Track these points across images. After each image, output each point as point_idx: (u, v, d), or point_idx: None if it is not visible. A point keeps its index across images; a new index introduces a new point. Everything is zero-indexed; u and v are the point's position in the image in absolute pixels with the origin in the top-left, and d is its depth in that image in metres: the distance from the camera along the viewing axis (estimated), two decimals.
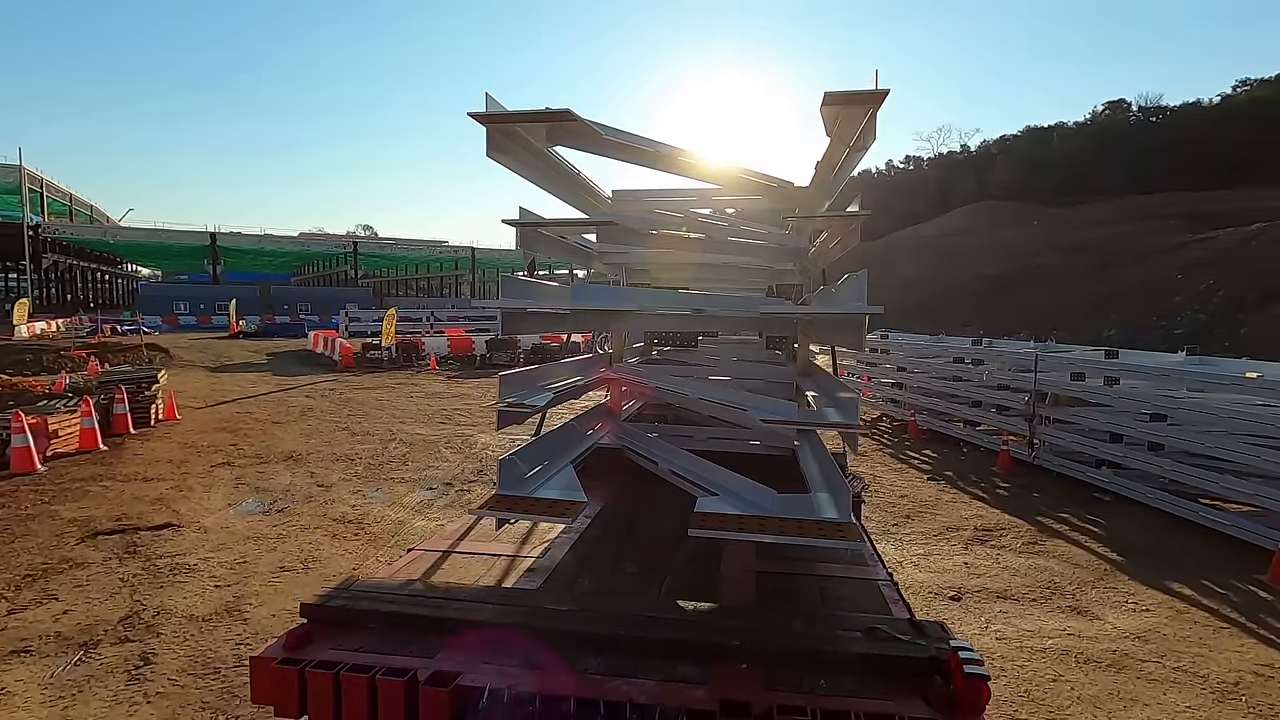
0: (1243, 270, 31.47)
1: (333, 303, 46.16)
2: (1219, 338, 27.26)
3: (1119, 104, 70.57)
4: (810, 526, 2.23)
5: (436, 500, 7.63)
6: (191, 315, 47.08)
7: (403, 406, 14.07)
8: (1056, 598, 5.18)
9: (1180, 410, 6.77)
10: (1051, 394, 8.36)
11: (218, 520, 6.76)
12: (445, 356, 23.43)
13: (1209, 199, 48.41)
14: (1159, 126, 65.90)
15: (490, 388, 17.25)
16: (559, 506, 2.40)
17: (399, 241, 75.91)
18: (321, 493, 7.81)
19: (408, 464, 9.26)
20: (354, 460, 9.39)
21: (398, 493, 7.88)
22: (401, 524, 6.76)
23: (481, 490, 8.03)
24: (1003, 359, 9.71)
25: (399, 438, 10.90)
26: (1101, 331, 30.77)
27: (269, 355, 25.22)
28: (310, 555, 5.88)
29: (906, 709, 1.59)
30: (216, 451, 9.69)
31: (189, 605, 4.86)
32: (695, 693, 1.64)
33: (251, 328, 36.70)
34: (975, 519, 6.98)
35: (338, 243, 71.99)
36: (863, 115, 2.39)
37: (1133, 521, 6.83)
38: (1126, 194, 54.12)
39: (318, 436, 10.95)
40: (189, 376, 18.10)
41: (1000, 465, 8.94)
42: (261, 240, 64.53)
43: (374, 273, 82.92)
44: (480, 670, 1.72)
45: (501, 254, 76.79)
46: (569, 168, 3.19)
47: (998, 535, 6.52)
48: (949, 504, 7.55)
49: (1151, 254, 38.44)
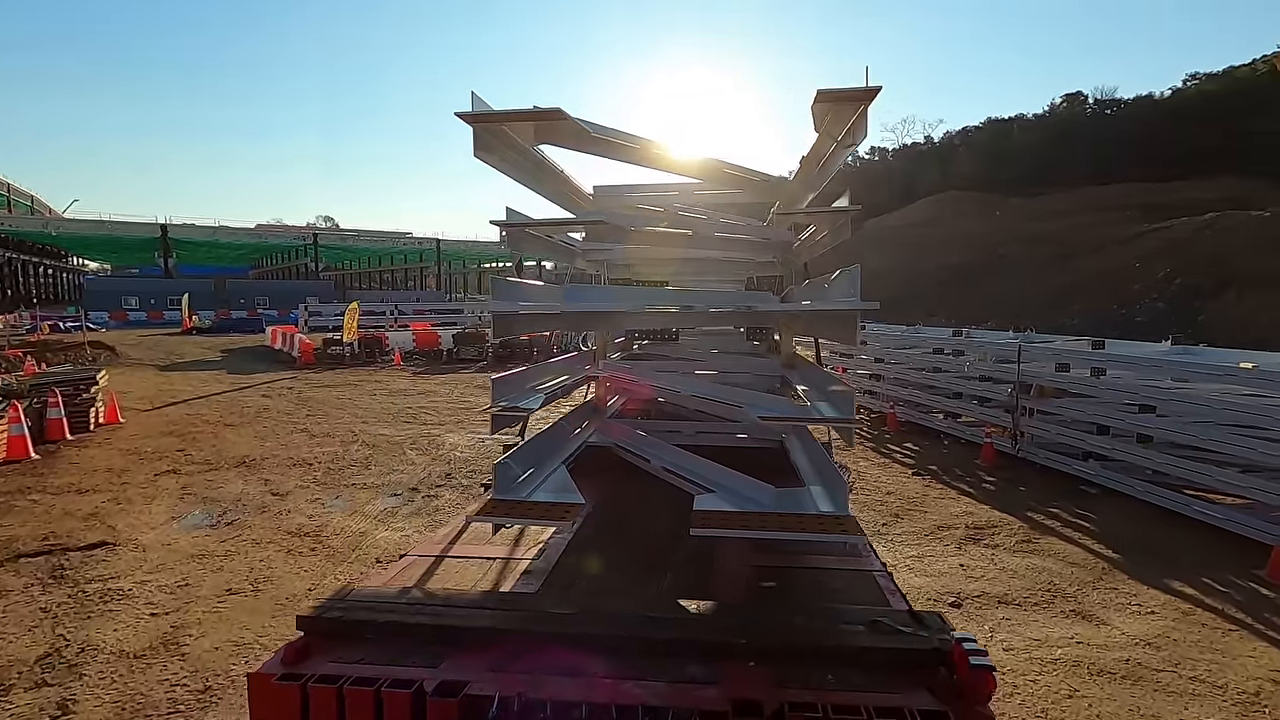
0: (1198, 259, 32.31)
1: (292, 296, 44.73)
2: (1177, 325, 27.93)
3: (1076, 96, 71.97)
4: (810, 521, 2.20)
5: (401, 508, 7.14)
6: (142, 311, 45.18)
7: (365, 405, 13.45)
8: (1059, 601, 4.96)
9: (1171, 401, 6.63)
10: (1036, 385, 8.22)
11: (159, 536, 6.19)
12: (410, 351, 22.70)
13: (1163, 189, 49.67)
14: (1114, 119, 67.34)
15: (458, 383, 16.69)
16: (558, 510, 2.35)
17: (361, 233, 73.86)
18: (276, 502, 7.27)
19: (370, 468, 8.73)
20: (312, 465, 8.83)
21: (359, 500, 7.37)
22: (363, 535, 6.28)
23: (450, 495, 7.58)
24: (984, 350, 9.56)
25: (361, 439, 10.34)
26: (1064, 320, 31.33)
27: (223, 352, 24.19)
28: (261, 575, 5.37)
29: (914, 701, 1.59)
30: (161, 458, 9.03)
31: (119, 639, 4.34)
32: (706, 693, 1.62)
33: (206, 323, 35.27)
34: (966, 516, 6.77)
35: (297, 234, 69.75)
36: (853, 112, 2.37)
37: (1123, 515, 6.69)
38: (1084, 185, 55.25)
39: (274, 439, 10.33)
40: (136, 376, 17.15)
41: (984, 458, 8.78)
42: (216, 232, 62.21)
43: (336, 266, 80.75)
44: (488, 678, 1.69)
45: (468, 245, 75.43)
46: (553, 166, 3.14)
47: (990, 533, 6.31)
48: (937, 500, 7.33)
49: (1110, 244, 39.30)
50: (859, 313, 2.49)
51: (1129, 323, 28.35)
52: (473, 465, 8.84)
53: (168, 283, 50.89)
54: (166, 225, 56.28)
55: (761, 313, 3.63)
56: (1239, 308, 27.02)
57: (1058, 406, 8.03)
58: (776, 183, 3.55)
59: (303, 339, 21.40)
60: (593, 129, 2.54)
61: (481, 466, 8.76)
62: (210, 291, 49.59)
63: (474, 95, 2.39)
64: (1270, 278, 27.57)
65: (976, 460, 8.88)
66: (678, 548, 2.66)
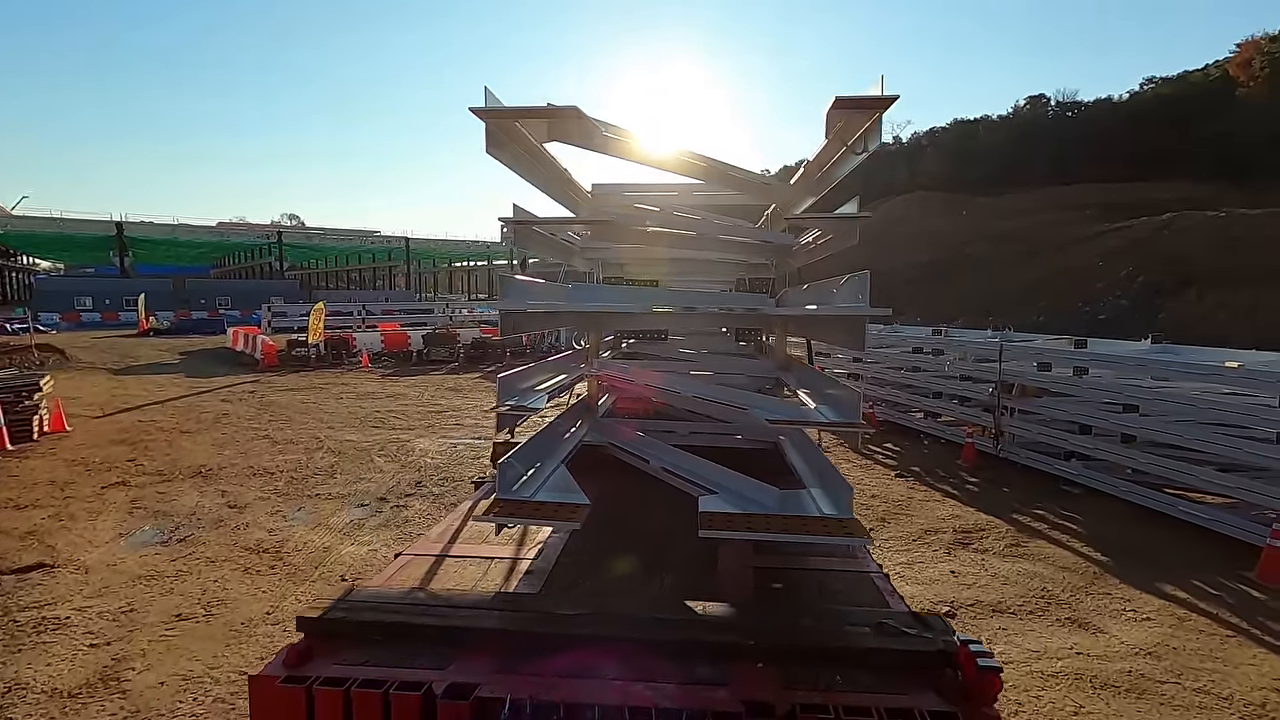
0: (1157, 258, 33.11)
1: (255, 296, 43.42)
2: (1139, 323, 28.56)
3: (1039, 99, 73.51)
4: (815, 524, 2.20)
5: (369, 520, 6.78)
6: (96, 311, 43.46)
7: (331, 409, 12.96)
8: (1053, 608, 4.83)
9: (1156, 401, 6.58)
10: (1018, 385, 8.15)
11: (103, 556, 5.75)
12: (379, 353, 22.11)
13: (1121, 190, 50.98)
14: (1075, 120, 68.98)
15: (428, 385, 16.24)
16: (564, 510, 2.33)
17: (327, 231, 72.41)
18: (234, 515, 6.85)
19: (336, 476, 8.33)
20: (274, 474, 8.39)
21: (323, 512, 6.99)
22: (327, 551, 5.92)
23: (421, 505, 7.24)
24: (964, 349, 9.50)
25: (326, 446, 9.90)
26: (1032, 317, 31.86)
27: (182, 354, 23.30)
28: (215, 597, 4.99)
29: (922, 702, 1.59)
30: (110, 469, 8.51)
31: (53, 675, 3.94)
32: (718, 694, 1.62)
33: (164, 324, 34.02)
34: (952, 519, 6.65)
35: (260, 233, 68.05)
36: (867, 119, 2.36)
37: (1108, 516, 6.63)
38: (1047, 184, 56.43)
39: (233, 447, 9.84)
40: (87, 380, 16.36)
41: (965, 459, 8.71)
42: (175, 230, 60.36)
43: (301, 265, 78.89)
44: (497, 680, 1.66)
45: (437, 244, 74.31)
46: (558, 164, 3.13)
47: (978, 537, 6.19)
48: (922, 503, 7.21)
49: (1073, 242, 40.11)
50: (867, 318, 2.47)
51: (1094, 320, 28.93)
52: (444, 472, 8.49)
53: (124, 282, 49.08)
54: (122, 223, 54.43)
55: (766, 315, 3.58)
56: (1199, 306, 27.72)
57: (1039, 406, 7.98)
58: (777, 186, 3.59)
59: (266, 340, 20.67)
60: (605, 128, 2.54)
61: (454, 473, 8.43)
62: (169, 291, 47.95)
63: (487, 91, 2.34)
64: (1228, 277, 28.35)
65: (958, 460, 8.80)
66: (675, 547, 2.67)
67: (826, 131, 2.50)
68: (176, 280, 50.75)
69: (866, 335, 2.66)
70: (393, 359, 21.78)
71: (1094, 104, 70.25)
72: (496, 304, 3.02)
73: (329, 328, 25.12)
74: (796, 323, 3.58)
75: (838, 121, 2.42)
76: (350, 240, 72.56)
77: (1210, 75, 62.39)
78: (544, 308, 3.24)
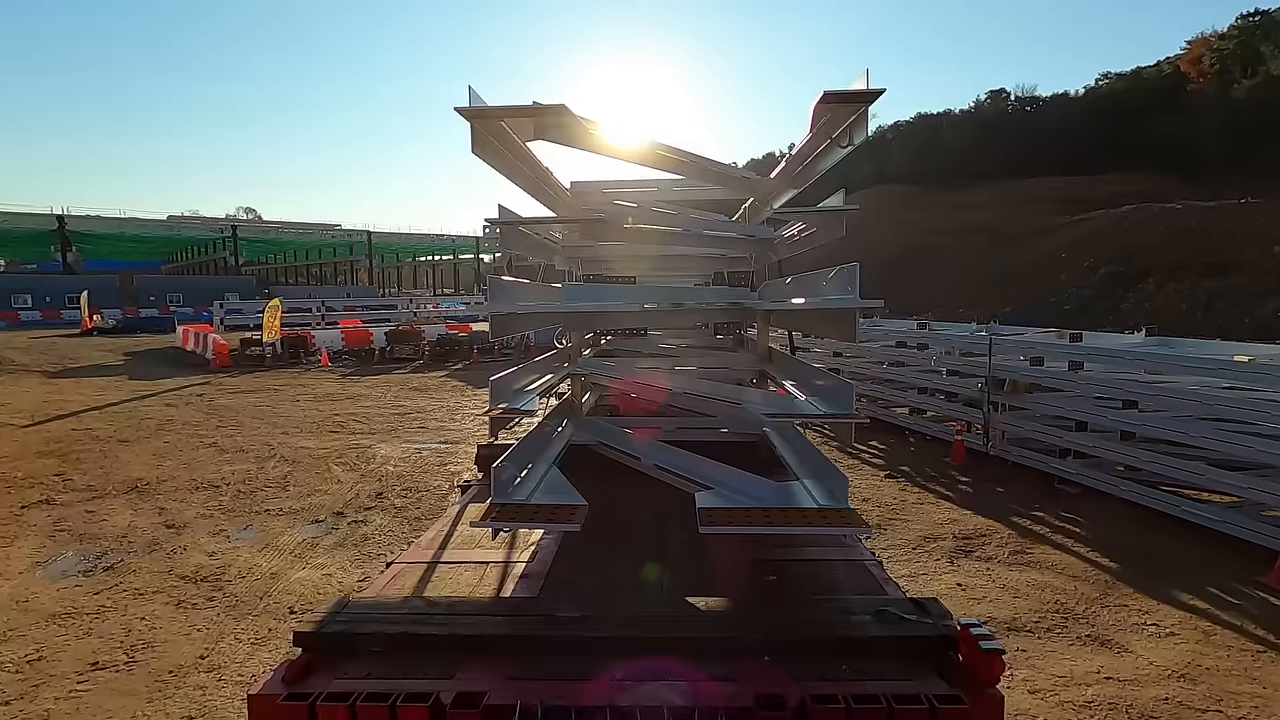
0: (1117, 249, 33.74)
1: (209, 293, 41.65)
2: (1103, 313, 29.02)
3: (999, 93, 74.77)
4: (814, 515, 2.20)
5: (323, 538, 6.18)
6: (36, 310, 41.34)
7: (286, 413, 12.20)
8: (1072, 624, 4.50)
9: (1158, 396, 6.33)
10: (1010, 380, 7.87)
11: (13, 591, 5.07)
12: (339, 351, 21.19)
13: (1079, 183, 52.07)
14: (1035, 115, 70.27)
15: (391, 385, 15.52)
16: (563, 512, 2.30)
17: (285, 225, 70.17)
18: (171, 537, 6.18)
19: (288, 489, 7.67)
20: (219, 488, 7.70)
21: (273, 531, 6.36)
22: (275, 578, 5.31)
23: (382, 520, 6.65)
24: (951, 343, 9.22)
25: (279, 454, 9.20)
26: (1000, 309, 32.20)
27: (127, 355, 22.04)
28: (140, 639, 4.37)
29: (928, 687, 1.62)
30: (34, 485, 7.72)
31: None
32: (729, 690, 1.62)
33: (109, 323, 32.33)
34: (950, 524, 6.31)
35: (214, 227, 65.50)
36: (852, 113, 2.37)
37: (1109, 517, 6.36)
38: (1008, 178, 57.38)
39: (176, 457, 9.08)
40: (18, 385, 15.25)
41: (955, 457, 8.42)
42: (122, 224, 57.79)
43: (259, 260, 76.39)
44: (506, 687, 1.64)
45: (401, 238, 72.54)
46: (540, 163, 3.07)
47: (980, 544, 5.86)
48: (916, 506, 6.87)
49: (1036, 234, 40.74)
50: (858, 310, 2.45)
51: (1059, 310, 29.30)
52: (408, 482, 7.90)
53: (66, 279, 46.69)
54: (64, 216, 51.83)
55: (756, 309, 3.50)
56: (1158, 297, 28.27)
57: (1030, 401, 7.71)
58: (756, 180, 3.57)
59: (217, 339, 19.62)
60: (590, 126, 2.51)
61: (419, 483, 7.84)
62: (116, 288, 45.78)
63: (471, 90, 2.30)
64: (1184, 268, 28.98)
65: (947, 459, 8.51)
66: (667, 543, 2.66)
67: (811, 125, 2.47)
68: (124, 276, 48.45)
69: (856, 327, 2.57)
70: (354, 357, 20.90)
71: (1052, 99, 71.64)
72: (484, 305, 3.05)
73: (287, 325, 24.10)
74: (786, 316, 3.53)
75: (824, 115, 2.38)
76: (309, 234, 70.39)
77: (1163, 71, 64.06)
78: (535, 309, 3.18)
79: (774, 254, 3.88)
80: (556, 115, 2.37)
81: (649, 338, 4.76)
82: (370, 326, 23.98)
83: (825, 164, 2.80)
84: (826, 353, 12.11)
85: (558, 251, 4.20)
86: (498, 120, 2.42)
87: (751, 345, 4.30)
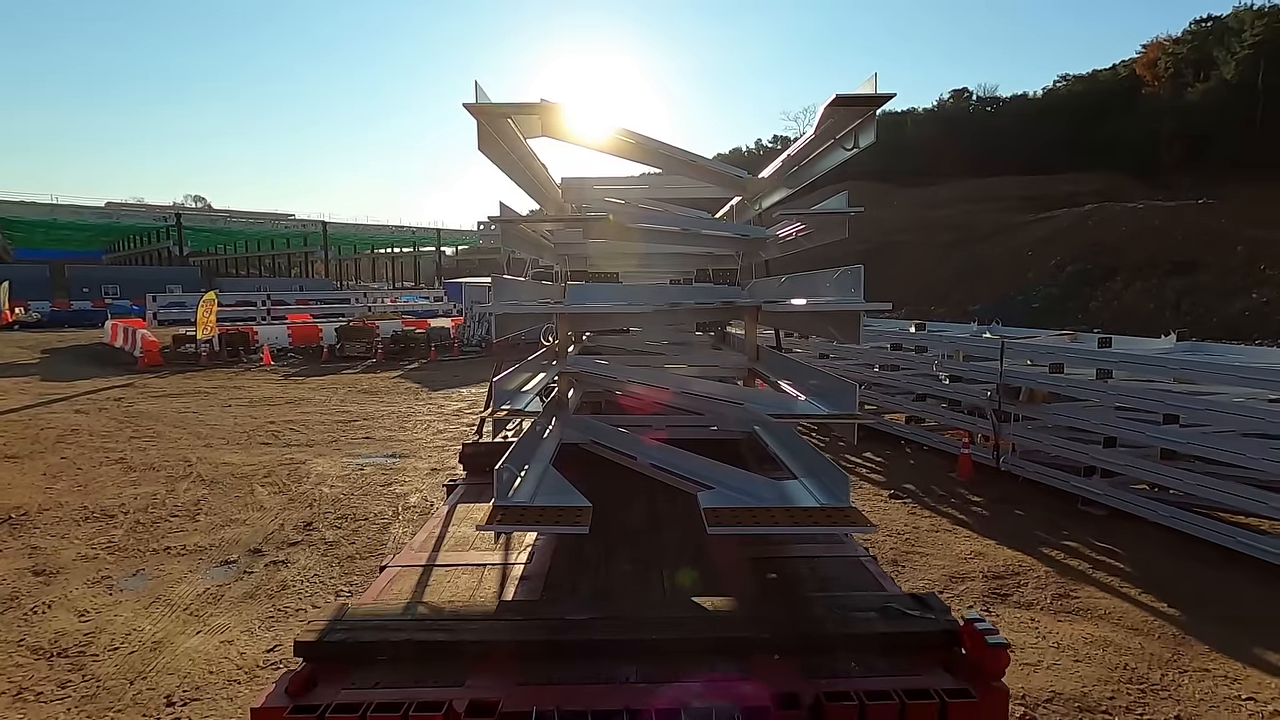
0: (1082, 247, 33.90)
1: (149, 284, 38.99)
2: (1071, 310, 29.02)
3: (962, 93, 75.76)
4: (819, 514, 2.19)
5: (230, 586, 5.05)
6: None
7: (214, 420, 10.87)
8: (1152, 700, 3.68)
9: (1203, 410, 5.60)
10: (1026, 389, 7.11)
11: None
12: (284, 349, 19.69)
13: (1038, 182, 52.89)
14: (995, 114, 71.32)
15: (338, 387, 14.23)
16: (569, 514, 2.24)
17: (233, 214, 66.87)
18: (35, 589, 4.99)
19: (199, 518, 6.49)
20: (115, 518, 6.47)
21: (169, 577, 5.21)
22: (157, 649, 4.19)
23: (307, 559, 5.55)
24: (955, 346, 8.44)
25: (197, 472, 7.96)
26: (969, 306, 32.07)
27: (45, 352, 20.17)
28: None
29: (936, 681, 1.64)
30: None
31: None
32: (745, 689, 1.63)
33: (33, 317, 29.98)
34: (976, 558, 5.49)
35: (157, 214, 62.02)
36: (859, 116, 2.34)
37: (1150, 547, 5.62)
38: (970, 176, 58.12)
39: (71, 477, 7.78)
40: None
41: (961, 472, 7.64)
42: (55, 210, 54.16)
43: (209, 250, 72.95)
44: (519, 694, 1.63)
45: (358, 229, 69.97)
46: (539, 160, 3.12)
47: (1016, 585, 5.04)
48: (932, 535, 6.04)
49: (1001, 232, 40.93)
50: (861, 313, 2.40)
51: (1028, 308, 29.23)
52: (344, 507, 6.77)
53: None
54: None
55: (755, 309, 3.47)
56: (1127, 294, 28.37)
57: (1049, 413, 6.96)
58: (747, 178, 3.61)
59: (146, 336, 17.96)
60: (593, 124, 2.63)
61: (358, 509, 6.73)
62: (46, 278, 42.85)
63: (477, 86, 2.31)
64: (1150, 265, 29.16)
65: (952, 474, 7.73)
66: (664, 542, 2.67)
67: (817, 126, 2.47)
68: (54, 266, 45.43)
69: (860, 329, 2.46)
70: (300, 356, 19.41)
71: (1012, 99, 72.86)
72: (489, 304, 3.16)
73: (228, 320, 22.47)
74: (783, 315, 3.53)
75: (830, 117, 2.37)
76: (261, 224, 67.21)
77: (1119, 74, 65.45)
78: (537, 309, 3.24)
79: (764, 253, 3.82)
80: (561, 113, 2.43)
81: (631, 335, 4.77)
82: (321, 322, 22.47)
83: (825, 165, 2.78)
84: (811, 353, 11.28)
85: (549, 248, 4.16)
86: (503, 117, 2.44)
87: (735, 343, 4.32)
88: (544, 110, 2.42)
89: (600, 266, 4.47)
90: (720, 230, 3.74)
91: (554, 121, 2.55)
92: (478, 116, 2.36)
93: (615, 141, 2.83)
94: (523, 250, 3.85)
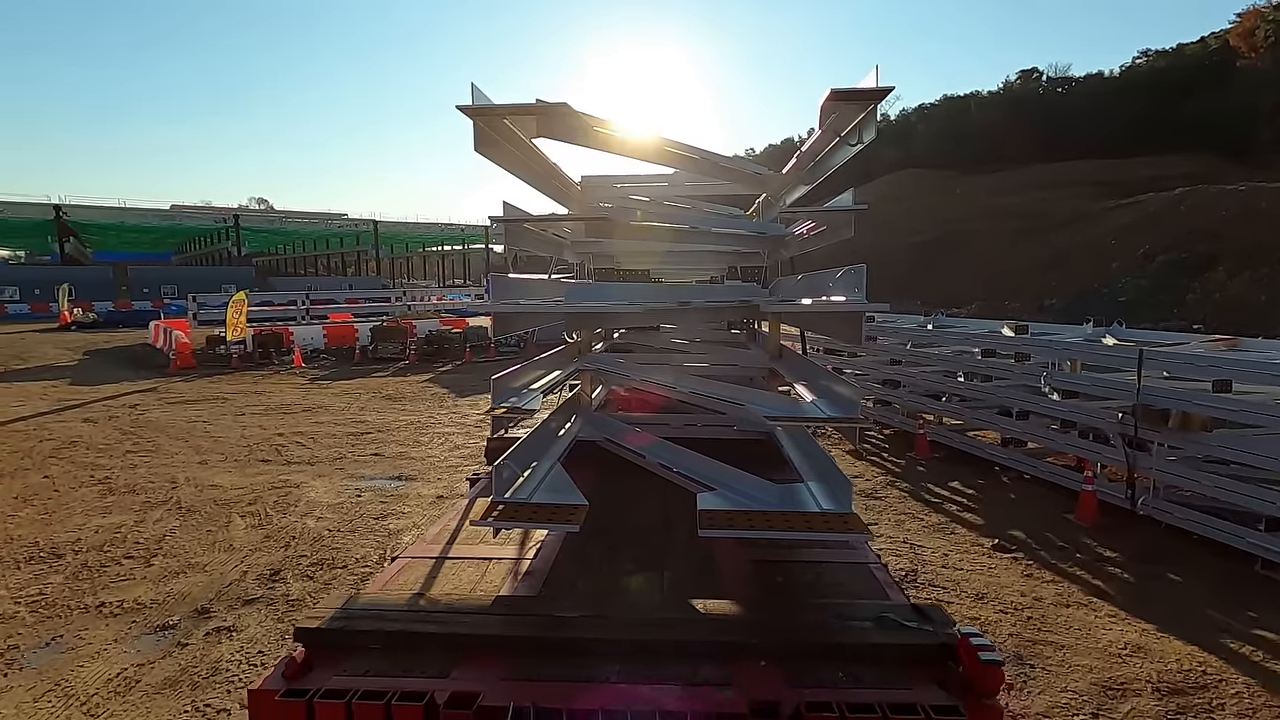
0: (1174, 234, 30.87)
1: (206, 284, 39.84)
2: (1163, 304, 26.29)
3: (1030, 73, 71.34)
4: (816, 520, 2.14)
5: (151, 668, 3.98)
6: (25, 302, 39.56)
7: (221, 431, 10.06)
8: None
9: None
10: (1178, 412, 5.50)
11: None
12: (318, 350, 19.11)
13: (1115, 166, 49.10)
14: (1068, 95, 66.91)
15: (362, 392, 13.37)
16: (563, 512, 2.24)
17: (289, 215, 68.16)
18: None
19: (154, 561, 5.50)
20: (62, 558, 5.55)
21: (84, 651, 4.18)
22: None
23: (258, 625, 4.49)
24: (1069, 354, 6.83)
25: (178, 496, 7.05)
26: (1046, 300, 29.52)
27: (87, 353, 20.11)
28: None
29: (926, 696, 1.59)
30: None
31: None
32: (723, 695, 1.61)
33: (90, 317, 30.56)
34: (1135, 656, 3.99)
35: (217, 217, 63.71)
36: (861, 111, 2.38)
37: None
38: (1039, 161, 54.60)
39: (41, 502, 6.96)
40: None
41: (1082, 514, 6.06)
42: (123, 214, 56.04)
43: (267, 250, 74.93)
44: (500, 688, 1.63)
45: (409, 227, 70.56)
46: (547, 158, 3.10)
47: (1203, 705, 3.54)
48: (1060, 610, 4.55)
49: (1078, 219, 37.91)
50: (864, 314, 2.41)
51: (1113, 302, 26.57)
52: (325, 548, 5.70)
53: (59, 271, 44.96)
54: (61, 206, 50.26)
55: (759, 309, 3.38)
56: (1232, 286, 25.45)
57: (1208, 444, 5.34)
58: (768, 175, 3.61)
59: (179, 337, 17.59)
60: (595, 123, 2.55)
61: (339, 551, 5.65)
62: (109, 280, 44.23)
63: (474, 88, 2.34)
64: (1257, 252, 26.12)
65: (1069, 515, 6.16)
66: (673, 542, 2.64)
67: (820, 122, 2.49)
68: (117, 267, 46.89)
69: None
70: (333, 357, 18.78)
71: (1086, 78, 68.35)
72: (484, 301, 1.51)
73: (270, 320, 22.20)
74: (791, 316, 3.33)
75: (832, 112, 2.39)
76: (314, 223, 68.37)
77: (1209, 46, 60.44)
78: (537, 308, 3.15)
79: (785, 250, 3.71)
80: (559, 113, 2.40)
81: (662, 332, 4.74)
82: (359, 322, 21.89)
83: (835, 161, 2.78)
84: (882, 359, 9.76)
85: (567, 246, 4.10)
86: (501, 118, 2.43)
87: (764, 341, 4.21)
88: (540, 111, 2.39)
89: (626, 264, 4.38)
90: (734, 228, 3.62)
91: (550, 123, 2.53)
92: (474, 118, 2.39)
93: (620, 142, 2.76)
94: (535, 249, 3.77)
